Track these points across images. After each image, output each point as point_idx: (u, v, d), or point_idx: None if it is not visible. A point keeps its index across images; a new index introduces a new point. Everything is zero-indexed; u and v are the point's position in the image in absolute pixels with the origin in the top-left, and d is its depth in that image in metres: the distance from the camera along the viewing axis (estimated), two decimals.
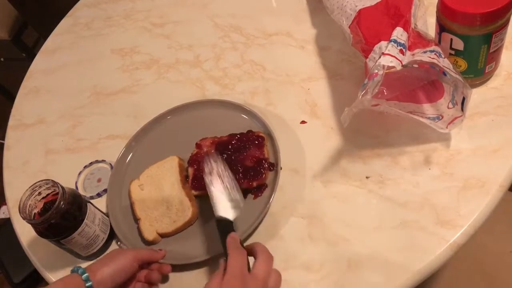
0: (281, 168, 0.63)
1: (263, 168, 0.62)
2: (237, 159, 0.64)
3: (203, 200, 0.64)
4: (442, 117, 0.60)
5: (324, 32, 0.81)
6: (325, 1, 0.73)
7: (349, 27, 0.65)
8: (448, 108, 0.60)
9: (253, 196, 0.62)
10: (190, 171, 0.66)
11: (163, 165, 0.68)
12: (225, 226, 0.54)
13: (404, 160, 0.62)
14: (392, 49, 0.54)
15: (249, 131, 0.66)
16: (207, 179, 0.58)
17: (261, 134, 0.66)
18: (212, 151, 0.65)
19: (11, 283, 1.34)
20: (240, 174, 0.62)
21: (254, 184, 0.62)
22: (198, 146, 0.67)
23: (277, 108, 0.73)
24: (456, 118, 0.58)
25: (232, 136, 0.67)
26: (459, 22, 0.57)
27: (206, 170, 0.58)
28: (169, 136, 0.72)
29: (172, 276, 0.60)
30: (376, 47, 0.57)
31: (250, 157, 0.64)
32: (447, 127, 0.59)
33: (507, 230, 0.82)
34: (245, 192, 0.62)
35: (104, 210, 0.67)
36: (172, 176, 0.66)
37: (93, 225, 0.60)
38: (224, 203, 0.56)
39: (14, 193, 0.74)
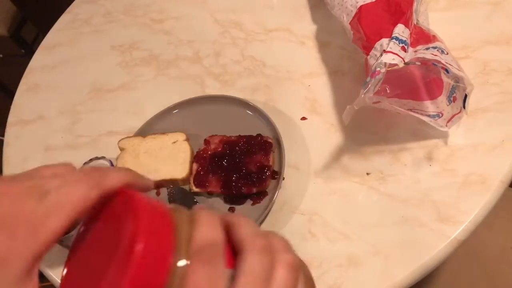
0: (283, 179, 0.62)
1: (265, 175, 0.62)
2: (241, 162, 0.64)
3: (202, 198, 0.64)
4: (442, 114, 0.60)
5: (325, 28, 0.81)
6: None
7: (350, 23, 0.64)
8: (446, 105, 0.60)
9: (251, 202, 0.62)
10: (195, 166, 0.66)
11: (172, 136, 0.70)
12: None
13: (404, 157, 0.62)
14: (393, 46, 0.53)
15: (259, 135, 0.66)
16: None
17: (269, 140, 0.65)
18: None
19: None
20: (242, 178, 0.62)
21: (254, 190, 0.61)
22: (206, 142, 0.67)
23: (277, 105, 0.73)
24: (454, 115, 0.58)
25: (241, 137, 0.66)
26: None
27: None
28: (174, 130, 0.71)
29: None
30: (377, 44, 0.56)
31: (254, 162, 0.63)
32: (446, 125, 0.59)
33: (508, 226, 0.82)
34: (244, 197, 0.62)
35: None
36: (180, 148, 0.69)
37: None
38: None
39: None
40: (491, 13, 0.73)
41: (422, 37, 0.57)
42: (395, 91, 0.60)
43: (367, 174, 0.62)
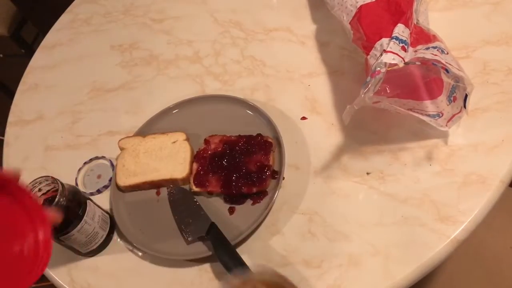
0: (283, 178, 0.62)
1: (265, 175, 0.62)
2: (241, 161, 0.64)
3: (202, 198, 0.64)
4: (442, 114, 0.60)
5: (325, 28, 0.81)
6: None
7: (350, 23, 0.64)
8: (446, 105, 0.60)
9: (251, 202, 0.62)
10: (195, 166, 0.66)
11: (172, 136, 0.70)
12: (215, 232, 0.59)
13: (404, 156, 0.62)
14: (393, 46, 0.53)
15: (259, 135, 0.66)
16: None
17: (269, 140, 0.65)
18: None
19: None
20: (242, 178, 0.62)
21: (254, 190, 0.61)
22: (206, 142, 0.67)
23: (277, 104, 0.73)
24: (454, 115, 0.58)
25: (241, 137, 0.66)
26: None
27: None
28: (174, 130, 0.71)
29: (172, 272, 0.60)
30: (377, 44, 0.56)
31: (254, 161, 0.63)
32: (446, 125, 0.59)
33: (507, 225, 0.82)
34: (244, 197, 0.62)
35: (105, 206, 0.67)
36: (181, 147, 0.69)
37: (92, 222, 0.60)
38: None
39: None
40: (491, 13, 0.73)
41: (422, 36, 0.57)
42: (395, 91, 0.60)
43: (367, 173, 0.61)
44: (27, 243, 0.39)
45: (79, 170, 0.74)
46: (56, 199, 0.55)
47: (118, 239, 0.65)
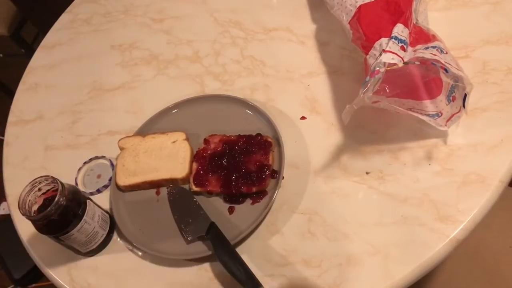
0: (283, 178, 0.62)
1: (265, 174, 0.62)
2: (241, 161, 0.64)
3: (202, 197, 0.64)
4: (441, 114, 0.60)
5: (325, 28, 0.81)
6: None
7: (349, 23, 0.64)
8: (445, 105, 0.60)
9: (251, 201, 0.62)
10: (195, 166, 0.66)
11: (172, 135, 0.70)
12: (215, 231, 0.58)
13: (404, 156, 0.62)
14: (393, 46, 0.54)
15: (258, 134, 0.66)
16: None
17: (269, 140, 0.65)
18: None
19: (12, 279, 1.34)
20: (241, 178, 0.62)
21: (254, 189, 0.61)
22: (206, 141, 0.67)
23: (277, 104, 0.73)
24: (453, 115, 0.58)
25: (240, 137, 0.66)
26: None
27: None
28: (174, 129, 0.71)
29: (172, 271, 0.60)
30: (376, 44, 0.56)
31: (254, 161, 0.63)
32: (445, 125, 0.59)
33: (507, 225, 0.82)
34: (243, 197, 0.62)
35: (104, 205, 0.67)
36: (181, 146, 0.69)
37: (92, 222, 0.60)
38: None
39: (14, 189, 0.74)
40: (490, 13, 0.73)
41: (422, 36, 0.57)
42: (394, 90, 0.60)
43: (367, 173, 0.62)
44: None
45: (79, 169, 0.74)
46: (56, 199, 0.55)
47: (118, 239, 0.65)
